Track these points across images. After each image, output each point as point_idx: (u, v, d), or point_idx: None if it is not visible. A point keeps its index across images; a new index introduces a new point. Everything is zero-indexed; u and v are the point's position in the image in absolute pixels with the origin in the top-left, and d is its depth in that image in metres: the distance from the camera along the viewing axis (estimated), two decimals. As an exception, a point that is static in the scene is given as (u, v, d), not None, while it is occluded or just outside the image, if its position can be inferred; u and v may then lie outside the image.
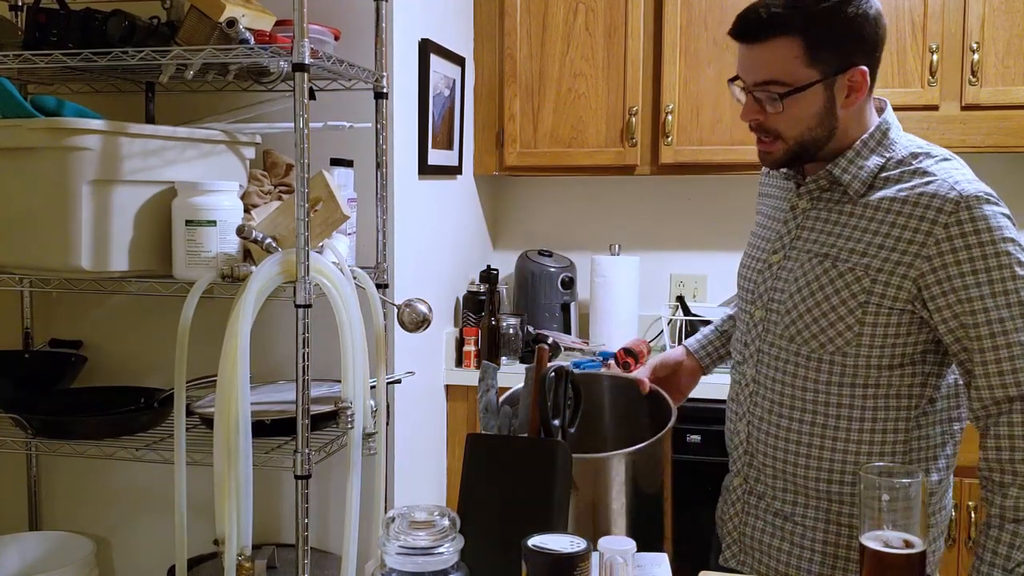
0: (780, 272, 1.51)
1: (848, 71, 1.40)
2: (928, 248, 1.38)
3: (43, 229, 1.87)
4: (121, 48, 1.86)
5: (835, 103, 1.42)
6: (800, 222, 1.52)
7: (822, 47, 1.38)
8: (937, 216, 1.38)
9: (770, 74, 1.40)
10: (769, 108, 1.42)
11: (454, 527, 0.94)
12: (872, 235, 1.43)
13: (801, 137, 1.44)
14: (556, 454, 1.18)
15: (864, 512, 1.18)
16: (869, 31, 1.41)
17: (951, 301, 1.38)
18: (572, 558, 0.95)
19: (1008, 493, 1.37)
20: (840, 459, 1.48)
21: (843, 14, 1.38)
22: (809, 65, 1.38)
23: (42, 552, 2.32)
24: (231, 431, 1.78)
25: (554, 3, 2.90)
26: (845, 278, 1.43)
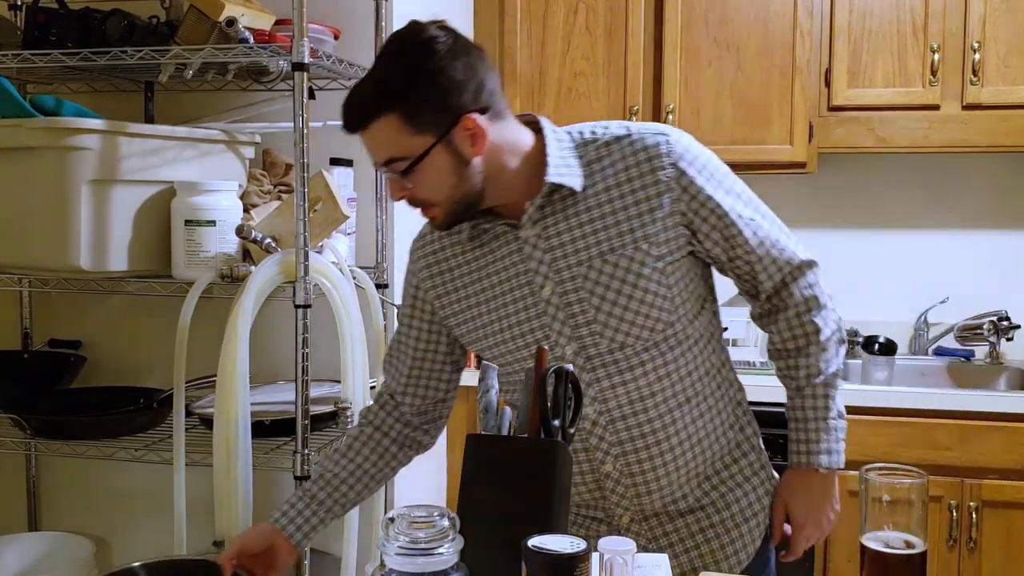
0: (563, 299, 1.44)
1: (459, 123, 1.36)
2: (672, 191, 1.42)
3: (42, 229, 1.87)
4: (120, 48, 1.86)
5: (464, 155, 1.38)
6: (542, 246, 1.44)
7: (422, 112, 1.35)
8: (657, 162, 1.42)
9: (387, 154, 1.38)
10: (406, 182, 1.40)
11: (454, 527, 0.94)
12: (619, 211, 1.42)
13: (452, 196, 1.40)
14: (556, 454, 1.18)
15: (864, 512, 1.18)
16: (460, 75, 1.36)
17: (713, 224, 1.43)
18: (572, 558, 0.95)
19: (809, 352, 1.50)
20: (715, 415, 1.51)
21: (425, 74, 1.35)
22: (417, 134, 1.35)
23: (41, 552, 2.32)
24: (231, 431, 1.78)
25: (554, 3, 2.90)
26: (630, 260, 1.41)
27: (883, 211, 3.14)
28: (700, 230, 1.44)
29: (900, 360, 2.97)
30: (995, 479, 2.56)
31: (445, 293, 1.54)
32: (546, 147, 1.45)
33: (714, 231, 1.44)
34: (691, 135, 1.48)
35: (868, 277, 3.15)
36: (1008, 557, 2.56)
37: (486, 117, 1.39)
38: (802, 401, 1.51)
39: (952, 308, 3.04)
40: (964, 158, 3.04)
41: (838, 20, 2.79)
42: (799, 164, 2.81)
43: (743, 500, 1.54)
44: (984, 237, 3.08)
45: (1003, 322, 2.92)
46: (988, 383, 2.97)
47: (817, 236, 3.18)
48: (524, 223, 1.45)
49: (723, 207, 1.43)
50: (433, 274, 1.54)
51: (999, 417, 2.56)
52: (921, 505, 1.16)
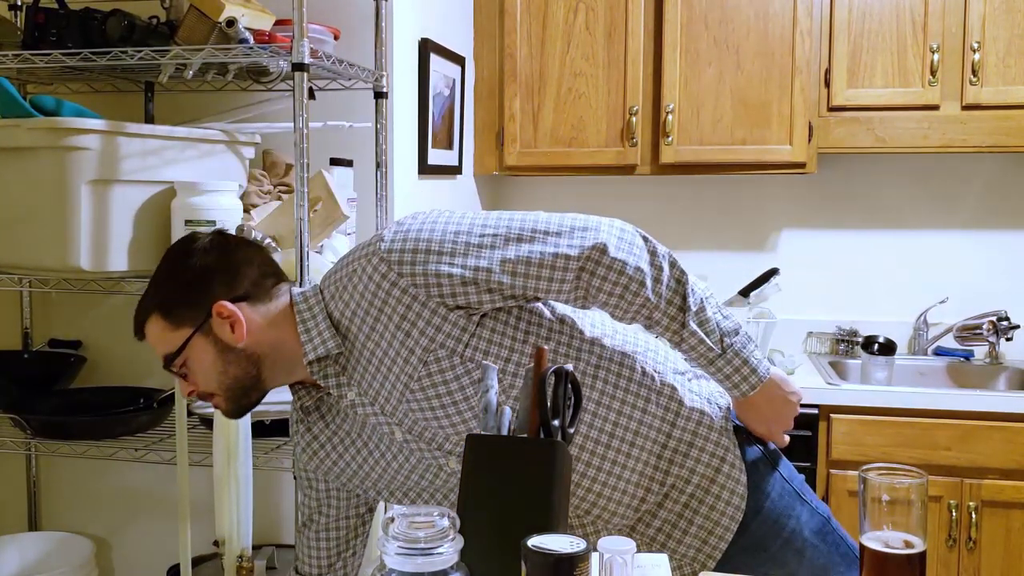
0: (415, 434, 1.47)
1: (212, 312, 1.43)
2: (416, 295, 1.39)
3: (42, 229, 1.87)
4: (120, 48, 1.86)
5: (226, 340, 1.44)
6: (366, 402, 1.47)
7: (173, 309, 1.44)
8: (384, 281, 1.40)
9: (161, 352, 1.47)
10: (184, 377, 1.48)
11: (454, 527, 0.94)
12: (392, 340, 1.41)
13: (223, 383, 1.47)
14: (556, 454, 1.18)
15: (864, 512, 1.18)
16: (213, 264, 1.45)
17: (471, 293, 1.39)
18: (572, 558, 0.95)
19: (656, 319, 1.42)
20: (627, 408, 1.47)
21: (175, 272, 1.46)
22: (176, 328, 1.44)
23: (41, 553, 2.32)
24: (231, 431, 1.78)
25: (554, 3, 2.90)
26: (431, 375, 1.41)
27: (883, 211, 3.14)
28: (469, 304, 1.40)
29: (900, 360, 2.97)
30: (995, 479, 2.56)
31: (329, 467, 1.57)
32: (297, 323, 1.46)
33: (480, 295, 1.39)
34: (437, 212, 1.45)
35: (868, 277, 3.15)
36: (1008, 557, 2.56)
37: (246, 304, 1.44)
38: (689, 354, 1.46)
39: (952, 308, 3.04)
40: (964, 158, 3.04)
41: (838, 20, 2.79)
42: (799, 164, 2.81)
43: (702, 457, 1.50)
44: (984, 237, 3.08)
45: (1003, 322, 2.92)
46: (988, 383, 2.97)
47: (817, 236, 3.18)
48: (341, 392, 1.48)
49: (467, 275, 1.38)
50: (313, 455, 1.57)
51: (999, 417, 2.56)
52: (921, 505, 1.16)
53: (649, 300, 1.42)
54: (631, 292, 1.41)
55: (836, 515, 1.64)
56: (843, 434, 2.60)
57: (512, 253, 1.39)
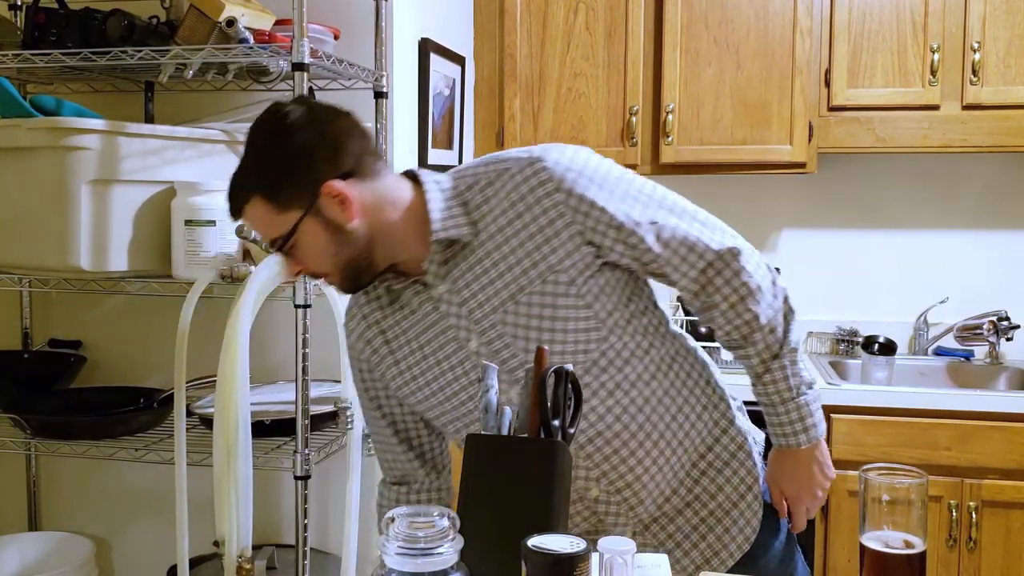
0: (491, 347, 1.43)
1: (321, 193, 1.36)
2: (563, 215, 1.38)
3: (42, 229, 1.87)
4: (120, 48, 1.86)
5: (337, 221, 1.37)
6: (456, 300, 1.44)
7: (280, 189, 1.36)
8: (541, 190, 1.39)
9: (266, 235, 1.40)
10: (291, 259, 1.41)
11: (454, 527, 0.94)
12: (518, 248, 1.40)
13: (338, 264, 1.41)
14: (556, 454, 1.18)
15: (864, 512, 1.18)
16: (314, 145, 1.37)
17: (613, 236, 1.39)
18: (572, 558, 0.95)
19: (755, 340, 1.45)
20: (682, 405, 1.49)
21: (277, 152, 1.37)
22: (283, 211, 1.36)
23: (41, 553, 2.32)
24: (231, 431, 1.78)
25: (554, 2, 2.90)
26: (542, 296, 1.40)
27: (883, 211, 3.14)
28: (603, 244, 1.40)
29: (900, 360, 2.97)
30: (995, 479, 2.56)
31: (380, 359, 1.52)
32: (427, 202, 1.42)
33: (616, 243, 1.40)
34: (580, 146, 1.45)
35: (868, 277, 3.15)
36: (1008, 557, 2.56)
37: (352, 181, 1.37)
38: (764, 388, 1.49)
39: (952, 308, 3.04)
40: (964, 158, 3.04)
41: (838, 20, 2.79)
42: (799, 164, 2.81)
43: (733, 479, 1.53)
44: (984, 237, 3.08)
45: (1003, 322, 2.92)
46: (988, 383, 2.97)
47: (817, 236, 3.18)
48: (434, 281, 1.44)
49: (618, 218, 1.39)
50: (368, 343, 1.52)
51: (999, 417, 2.56)
52: (921, 505, 1.16)
53: (757, 318, 1.45)
54: (745, 304, 1.44)
55: (836, 515, 1.64)
56: (843, 434, 2.60)
57: (662, 219, 1.42)
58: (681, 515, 1.51)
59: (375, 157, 1.43)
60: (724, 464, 1.53)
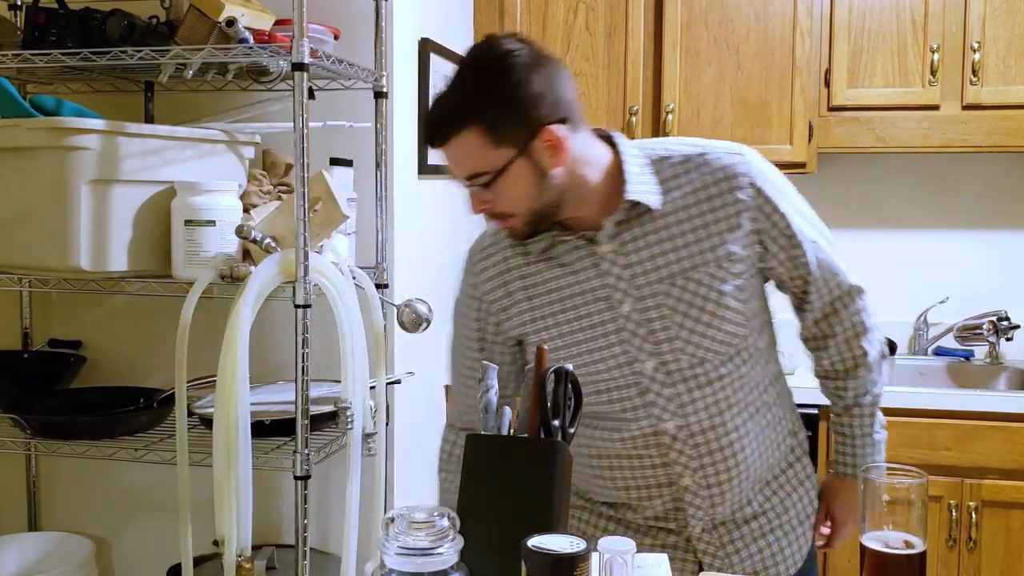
0: (643, 316, 1.45)
1: (538, 135, 1.37)
2: (750, 210, 1.45)
3: (42, 229, 1.87)
4: (120, 48, 1.86)
5: (543, 167, 1.39)
6: (621, 262, 1.46)
7: (502, 126, 1.36)
8: (739, 179, 1.45)
9: (470, 169, 1.40)
10: (485, 196, 1.42)
11: (454, 528, 0.94)
12: (699, 229, 1.45)
13: (531, 207, 1.42)
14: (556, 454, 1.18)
15: (864, 512, 1.18)
16: (538, 87, 1.37)
17: (782, 244, 1.48)
18: (572, 559, 0.95)
19: (858, 375, 1.58)
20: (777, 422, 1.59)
21: (504, 88, 1.36)
22: (498, 147, 1.37)
23: (41, 553, 2.32)
24: (231, 431, 1.77)
25: (554, 3, 2.90)
26: (712, 278, 1.44)
27: (883, 211, 3.14)
28: (770, 249, 1.48)
29: (900, 360, 2.97)
30: (995, 479, 2.56)
31: (513, 304, 1.53)
32: (623, 163, 1.45)
33: (782, 251, 1.49)
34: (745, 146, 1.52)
35: (868, 277, 3.12)
36: (1008, 557, 2.56)
37: (565, 128, 1.39)
38: (850, 419, 1.60)
39: (952, 308, 3.04)
40: (964, 158, 3.04)
41: (838, 20, 2.79)
42: (799, 164, 2.81)
43: (799, 503, 1.60)
44: (984, 237, 3.08)
45: (1003, 322, 2.92)
46: (988, 383, 2.97)
47: (817, 236, 3.18)
48: (602, 238, 1.45)
49: (793, 227, 1.48)
50: (500, 285, 1.54)
51: (999, 417, 2.56)
52: (921, 505, 1.16)
53: (866, 355, 1.57)
54: (859, 340, 1.56)
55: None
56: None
57: (821, 243, 1.53)
58: (748, 524, 1.56)
59: (580, 111, 1.46)
60: (794, 488, 1.60)
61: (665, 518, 1.54)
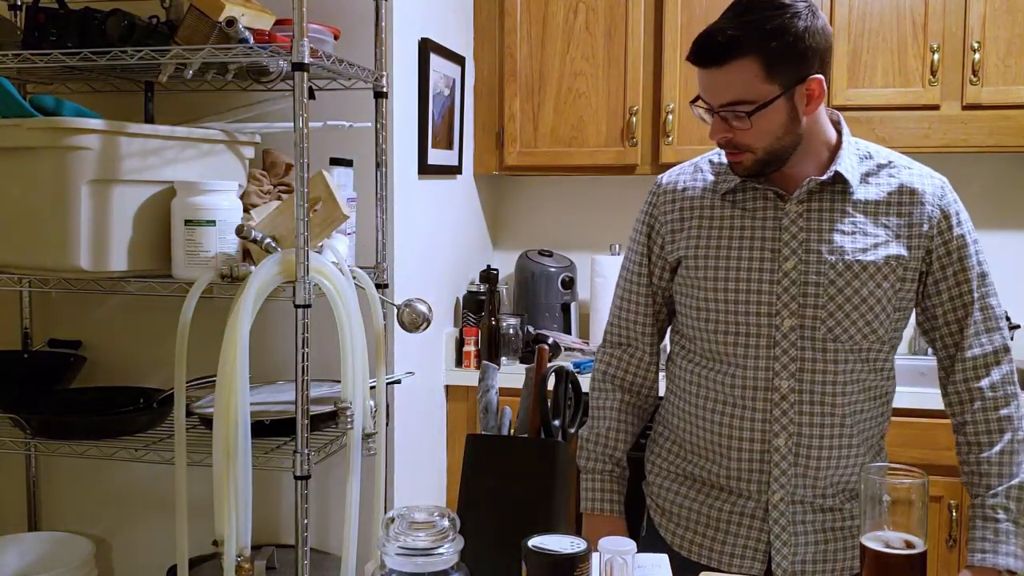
0: (802, 277, 1.54)
1: (805, 81, 1.48)
2: (934, 227, 1.55)
3: (42, 229, 1.87)
4: (120, 47, 1.86)
5: (798, 112, 1.50)
6: (802, 224, 1.55)
7: (779, 63, 1.45)
8: (931, 199, 1.56)
9: (734, 95, 1.47)
10: (737, 125, 1.49)
11: (454, 528, 0.94)
12: (882, 224, 1.55)
13: (770, 147, 1.51)
14: (556, 454, 1.18)
15: (865, 512, 1.18)
16: (819, 41, 1.48)
17: (952, 270, 1.56)
18: (572, 559, 0.95)
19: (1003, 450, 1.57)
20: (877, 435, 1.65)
21: (794, 28, 1.46)
22: (768, 81, 1.46)
23: (41, 553, 2.32)
24: (230, 431, 1.77)
25: (554, 2, 2.90)
26: (877, 270, 1.53)
27: (883, 211, 3.14)
28: (937, 272, 1.57)
29: (900, 360, 2.95)
30: (995, 479, 2.56)
31: (684, 228, 1.63)
32: (843, 141, 1.57)
33: (949, 277, 1.57)
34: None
35: (868, 277, 3.15)
36: (1008, 557, 2.56)
37: (825, 86, 1.51)
38: (994, 500, 1.56)
39: (952, 308, 3.04)
40: (964, 158, 3.04)
41: (838, 20, 2.79)
42: (799, 164, 2.81)
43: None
44: (984, 237, 3.07)
45: (1003, 322, 2.92)
46: (988, 383, 2.96)
47: (817, 236, 3.18)
48: (793, 198, 1.55)
49: (968, 260, 1.57)
50: (676, 209, 1.65)
51: (999, 417, 2.56)
52: (921, 505, 1.16)
53: (1012, 418, 1.57)
54: (1008, 397, 1.58)
55: (836, 515, 1.68)
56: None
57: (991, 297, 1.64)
58: (823, 513, 1.60)
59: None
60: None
61: (748, 479, 1.59)
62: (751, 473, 1.58)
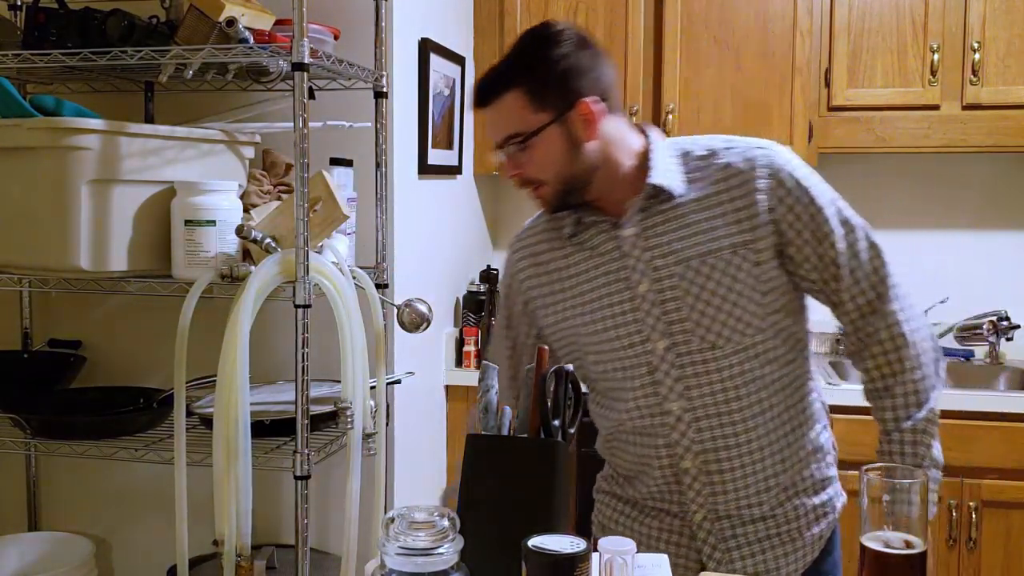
0: (659, 296, 1.49)
1: (576, 106, 1.45)
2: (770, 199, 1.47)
3: (42, 229, 1.87)
4: (120, 47, 1.86)
5: (577, 137, 1.47)
6: (642, 245, 1.51)
7: (543, 91, 1.45)
8: (761, 171, 1.48)
9: (508, 129, 1.47)
10: (521, 159, 1.48)
11: (454, 528, 0.94)
12: (718, 217, 1.48)
13: (560, 176, 1.49)
14: (556, 454, 1.18)
15: (864, 512, 1.18)
16: (585, 62, 1.47)
17: (806, 235, 1.48)
18: (572, 559, 0.95)
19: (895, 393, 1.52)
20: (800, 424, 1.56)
21: (556, 56, 1.46)
22: (537, 111, 1.45)
23: (41, 553, 2.32)
24: (231, 431, 1.78)
25: (554, 3, 2.90)
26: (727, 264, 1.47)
27: (883, 211, 3.13)
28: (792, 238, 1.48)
29: (900, 360, 2.97)
30: (995, 479, 2.56)
31: (540, 285, 1.61)
32: (651, 151, 1.52)
33: (806, 243, 1.49)
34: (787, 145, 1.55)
35: (868, 277, 3.15)
36: (1008, 557, 2.56)
37: (603, 106, 1.47)
38: (889, 447, 1.55)
39: (952, 308, 3.04)
40: (964, 158, 3.04)
41: (838, 20, 2.79)
42: (799, 164, 2.81)
43: (813, 512, 1.59)
44: (984, 237, 3.08)
45: (1003, 322, 2.92)
46: (988, 383, 2.97)
47: (817, 236, 3.18)
48: (625, 222, 1.52)
49: (821, 215, 1.49)
50: (531, 265, 1.62)
51: (999, 417, 2.56)
52: (921, 505, 1.16)
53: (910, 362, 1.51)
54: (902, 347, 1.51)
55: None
56: (843, 434, 2.58)
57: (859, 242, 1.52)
58: (754, 523, 1.56)
59: (619, 99, 1.54)
60: (812, 494, 1.59)
61: (667, 498, 1.56)
62: (669, 495, 1.56)
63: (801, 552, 1.58)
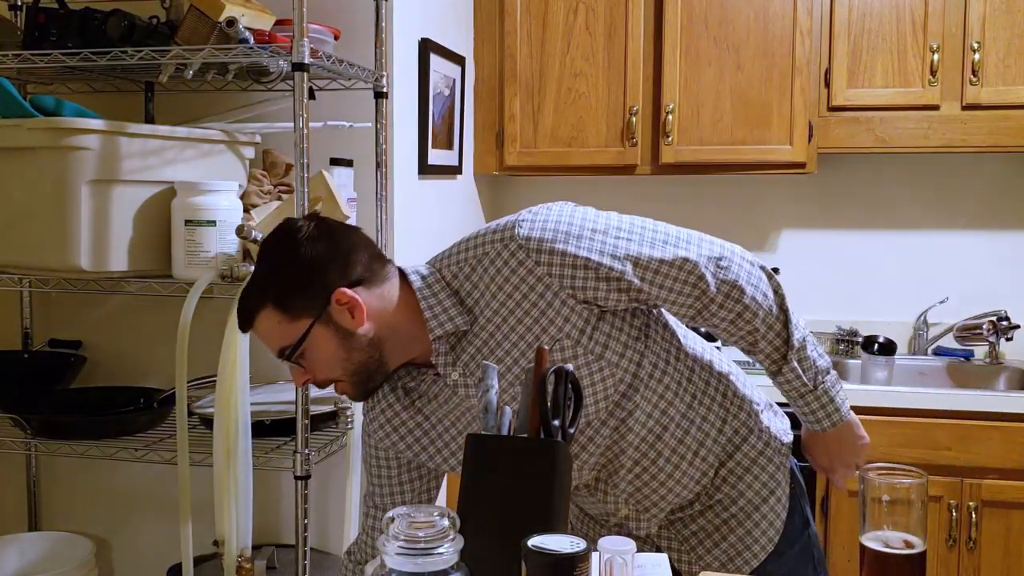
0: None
1: (332, 300, 1.40)
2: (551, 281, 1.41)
3: (42, 229, 1.87)
4: (120, 48, 1.86)
5: (346, 328, 1.41)
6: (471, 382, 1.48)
7: (288, 300, 1.40)
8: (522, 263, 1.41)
9: (277, 344, 1.43)
10: (305, 365, 1.44)
11: (454, 527, 0.94)
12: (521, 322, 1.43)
13: (348, 369, 1.45)
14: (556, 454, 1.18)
15: (864, 512, 1.18)
16: (326, 253, 1.41)
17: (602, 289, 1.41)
18: (572, 559, 0.95)
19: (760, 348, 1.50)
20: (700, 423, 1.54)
21: (288, 263, 1.41)
22: (293, 320, 1.40)
23: (41, 553, 2.32)
24: (231, 431, 1.78)
25: (554, 3, 2.90)
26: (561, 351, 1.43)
27: (883, 211, 3.14)
28: (596, 298, 1.42)
29: (900, 360, 2.97)
30: (995, 479, 2.56)
31: (407, 447, 1.56)
32: (420, 302, 1.45)
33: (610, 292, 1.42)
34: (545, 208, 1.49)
35: (868, 277, 3.15)
36: (1008, 557, 2.56)
37: (361, 288, 1.41)
38: (780, 386, 1.54)
39: (952, 308, 3.04)
40: (964, 158, 3.04)
41: (838, 20, 2.79)
42: (799, 164, 2.81)
43: (755, 484, 1.58)
44: (984, 237, 3.08)
45: (1002, 322, 2.92)
46: (987, 383, 2.97)
47: (817, 236, 3.18)
48: (444, 372, 1.48)
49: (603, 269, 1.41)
50: (387, 434, 1.56)
51: (998, 417, 2.56)
52: (921, 505, 1.16)
53: (757, 330, 1.49)
54: (744, 320, 1.48)
55: (836, 515, 1.67)
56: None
57: (645, 256, 1.43)
58: (703, 516, 1.57)
59: (382, 263, 1.47)
60: (745, 470, 1.57)
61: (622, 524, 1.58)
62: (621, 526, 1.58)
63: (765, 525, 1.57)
